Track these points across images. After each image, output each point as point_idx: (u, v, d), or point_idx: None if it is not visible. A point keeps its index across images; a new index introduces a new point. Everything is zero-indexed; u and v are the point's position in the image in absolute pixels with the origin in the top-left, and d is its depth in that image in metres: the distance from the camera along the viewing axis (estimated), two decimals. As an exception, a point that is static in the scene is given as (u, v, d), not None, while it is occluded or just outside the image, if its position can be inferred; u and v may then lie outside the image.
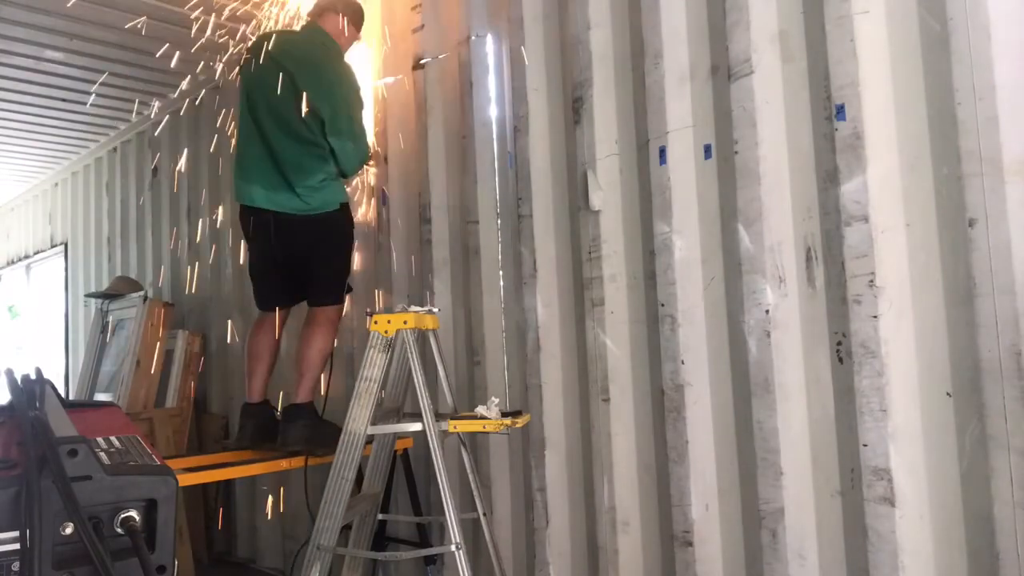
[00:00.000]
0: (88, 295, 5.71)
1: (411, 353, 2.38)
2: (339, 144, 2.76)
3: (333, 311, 2.85)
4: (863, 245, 1.93)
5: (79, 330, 6.38)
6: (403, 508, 3.20)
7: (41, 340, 7.29)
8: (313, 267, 2.82)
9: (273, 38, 2.91)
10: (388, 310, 2.42)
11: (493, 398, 2.34)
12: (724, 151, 2.26)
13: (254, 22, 3.90)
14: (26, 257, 7.69)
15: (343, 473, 2.33)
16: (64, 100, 5.02)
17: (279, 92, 2.73)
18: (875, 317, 1.91)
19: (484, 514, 2.55)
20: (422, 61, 3.24)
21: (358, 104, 2.89)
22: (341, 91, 2.80)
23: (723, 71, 2.25)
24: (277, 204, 2.76)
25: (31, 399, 1.12)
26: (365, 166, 3.15)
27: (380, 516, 2.79)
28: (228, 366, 4.44)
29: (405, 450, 3.42)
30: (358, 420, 2.34)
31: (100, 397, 4.73)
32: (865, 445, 1.92)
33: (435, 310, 2.55)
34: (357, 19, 3.02)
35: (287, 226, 2.77)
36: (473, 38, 3.02)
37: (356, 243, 3.44)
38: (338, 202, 2.84)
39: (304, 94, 2.71)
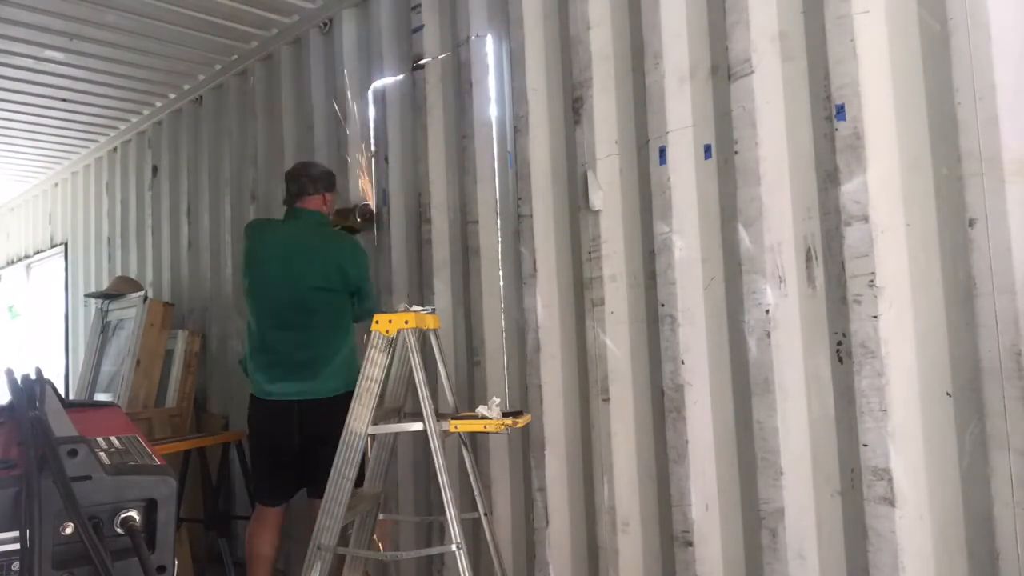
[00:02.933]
0: (88, 295, 5.70)
1: (412, 353, 2.38)
2: (361, 308, 2.98)
3: None
4: (863, 245, 1.93)
5: (79, 330, 6.38)
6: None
7: (41, 340, 7.29)
8: (320, 452, 2.81)
9: (269, 231, 3.09)
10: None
11: (495, 398, 2.34)
12: (724, 151, 2.26)
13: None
14: (26, 257, 7.69)
15: (344, 473, 2.33)
16: (64, 100, 5.02)
17: (296, 282, 2.87)
18: (875, 317, 1.91)
19: (485, 514, 2.55)
20: (422, 61, 3.24)
21: (368, 263, 3.06)
22: (362, 262, 2.99)
23: (723, 71, 2.25)
24: (303, 392, 2.86)
25: (31, 399, 1.12)
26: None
27: (380, 516, 2.79)
28: (228, 366, 4.44)
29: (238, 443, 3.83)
30: (359, 420, 2.34)
31: (100, 397, 4.73)
32: (865, 445, 1.92)
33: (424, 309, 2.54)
34: (332, 184, 3.14)
35: (311, 410, 2.86)
36: (473, 38, 3.02)
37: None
38: (351, 386, 2.79)
39: (326, 277, 2.87)
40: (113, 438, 1.07)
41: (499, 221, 2.91)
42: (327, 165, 3.32)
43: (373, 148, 3.44)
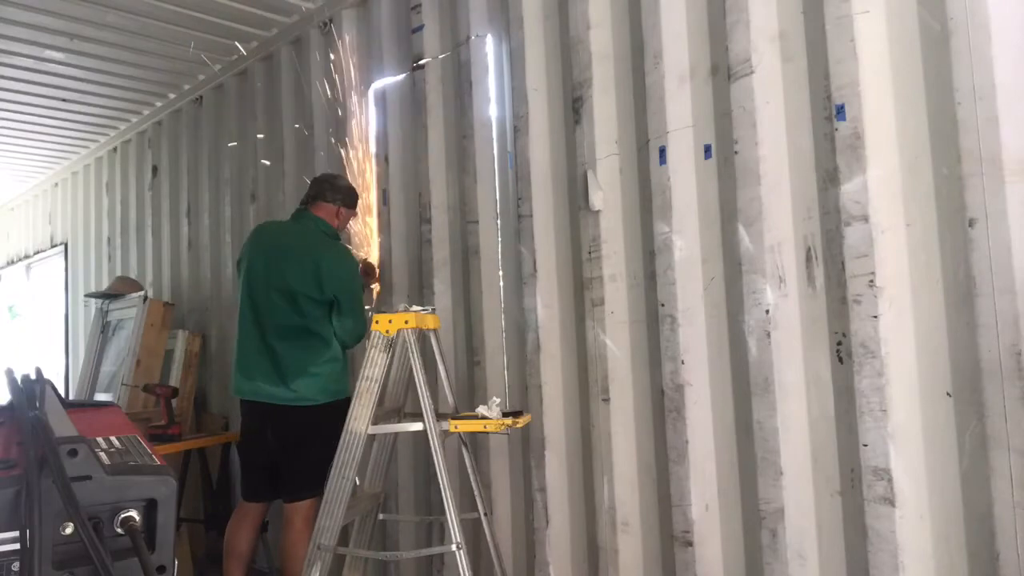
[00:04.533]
0: (88, 295, 5.70)
1: (412, 353, 2.38)
2: (339, 322, 2.85)
3: (309, 507, 2.82)
4: (863, 245, 1.93)
5: (79, 330, 6.38)
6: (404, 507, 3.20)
7: (41, 340, 7.28)
8: (292, 458, 2.85)
9: (267, 231, 3.06)
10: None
11: (495, 398, 2.34)
12: (724, 151, 2.26)
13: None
14: (26, 257, 7.69)
15: (344, 473, 2.34)
16: (64, 100, 5.02)
17: (277, 285, 2.83)
18: (875, 317, 1.91)
19: (485, 514, 2.55)
20: (422, 61, 3.24)
21: (359, 284, 2.98)
22: (342, 274, 2.87)
23: (723, 71, 2.25)
24: (273, 396, 2.83)
25: (31, 399, 1.12)
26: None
27: (380, 516, 2.79)
28: (228, 366, 4.43)
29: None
30: (359, 420, 2.34)
31: (100, 397, 4.72)
32: (865, 445, 1.92)
33: (424, 309, 2.54)
34: (351, 201, 3.10)
35: (280, 415, 2.83)
36: (473, 38, 3.02)
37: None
38: (330, 398, 2.83)
39: (304, 282, 2.80)
40: (113, 438, 1.07)
41: (499, 221, 2.91)
42: (345, 177, 3.28)
43: (373, 148, 3.43)
